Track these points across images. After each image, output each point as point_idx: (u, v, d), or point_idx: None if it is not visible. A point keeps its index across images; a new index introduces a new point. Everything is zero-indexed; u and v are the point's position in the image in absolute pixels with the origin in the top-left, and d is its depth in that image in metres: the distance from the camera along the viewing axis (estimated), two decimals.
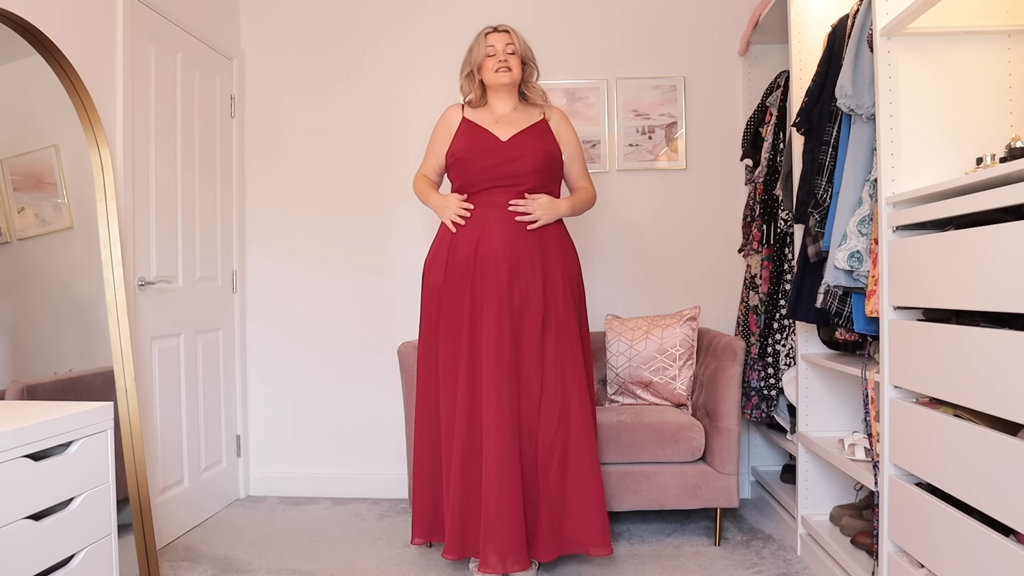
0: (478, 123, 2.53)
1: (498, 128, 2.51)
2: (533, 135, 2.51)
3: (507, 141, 2.48)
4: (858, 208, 2.08)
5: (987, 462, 1.47)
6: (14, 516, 1.55)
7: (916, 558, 1.77)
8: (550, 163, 2.50)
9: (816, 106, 2.32)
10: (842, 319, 2.16)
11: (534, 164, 2.45)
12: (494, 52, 2.50)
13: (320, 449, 3.53)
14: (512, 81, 2.52)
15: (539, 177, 2.47)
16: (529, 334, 2.37)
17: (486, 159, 2.45)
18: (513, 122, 2.53)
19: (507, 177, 2.44)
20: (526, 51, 2.55)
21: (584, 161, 2.66)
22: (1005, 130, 1.90)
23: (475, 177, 2.47)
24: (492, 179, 2.45)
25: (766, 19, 3.06)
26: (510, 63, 2.50)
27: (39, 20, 2.27)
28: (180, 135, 3.03)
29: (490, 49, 2.51)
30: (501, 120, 2.54)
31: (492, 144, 2.47)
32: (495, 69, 2.50)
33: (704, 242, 3.48)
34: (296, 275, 3.55)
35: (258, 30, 3.56)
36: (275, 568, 2.62)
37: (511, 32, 2.54)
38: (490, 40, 2.52)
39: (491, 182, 2.45)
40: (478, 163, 2.45)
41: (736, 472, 2.74)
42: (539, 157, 2.46)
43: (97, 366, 2.43)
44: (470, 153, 2.47)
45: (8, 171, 2.31)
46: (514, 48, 2.52)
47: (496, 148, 2.46)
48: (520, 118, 2.55)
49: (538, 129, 2.53)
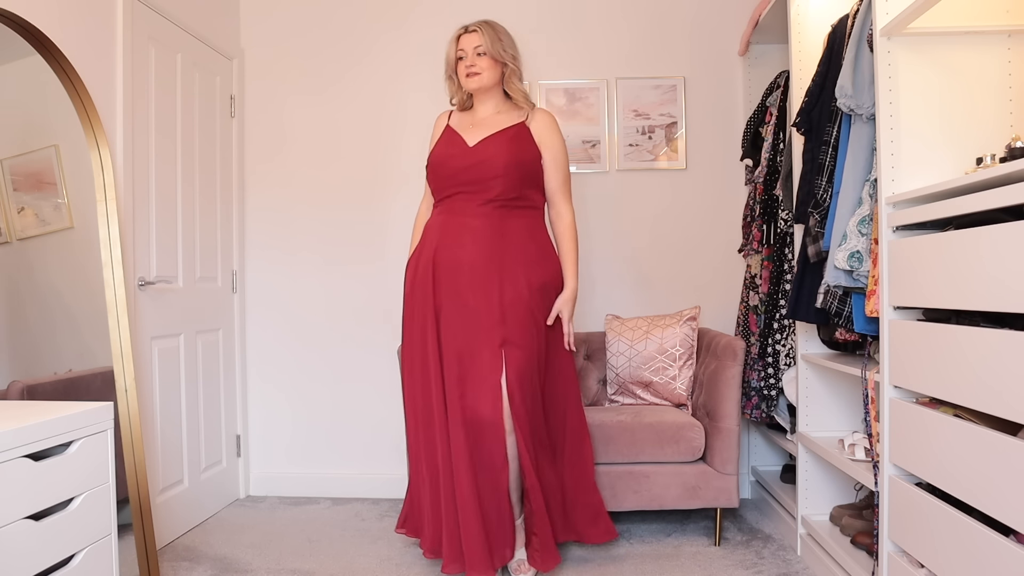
0: (457, 128, 2.49)
1: (472, 132, 2.45)
2: (503, 139, 2.40)
3: (473, 146, 2.41)
4: (858, 208, 2.08)
5: (987, 462, 1.47)
6: (14, 516, 1.55)
7: (916, 558, 1.77)
8: (517, 167, 2.39)
9: (816, 106, 2.32)
10: (842, 319, 2.16)
11: (496, 169, 2.36)
12: (464, 55, 2.43)
13: (320, 449, 3.53)
14: (481, 85, 2.44)
15: (503, 183, 2.37)
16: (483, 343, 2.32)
17: (451, 164, 2.41)
18: (489, 125, 2.45)
19: (471, 183, 2.38)
20: (499, 51, 2.42)
21: (567, 174, 2.52)
22: (1005, 130, 1.90)
23: (442, 183, 2.44)
24: (457, 184, 2.40)
25: (766, 19, 3.06)
26: (478, 67, 2.41)
27: (39, 20, 2.27)
28: (180, 135, 3.03)
29: (460, 52, 2.44)
30: (479, 123, 2.47)
31: (459, 149, 2.42)
32: (464, 74, 2.43)
33: (704, 242, 3.48)
34: (296, 275, 3.55)
35: (258, 30, 3.56)
36: (275, 568, 2.62)
37: (480, 32, 2.42)
38: (461, 43, 2.44)
39: (457, 187, 2.41)
40: (444, 169, 2.42)
41: (736, 472, 2.74)
42: (502, 161, 2.36)
43: (97, 366, 2.43)
44: (439, 159, 2.45)
45: (8, 171, 2.31)
46: (483, 49, 2.41)
47: (462, 153, 2.41)
48: (498, 121, 2.47)
49: (511, 132, 2.43)
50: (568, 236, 2.49)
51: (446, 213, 2.44)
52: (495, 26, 2.46)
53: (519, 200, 2.43)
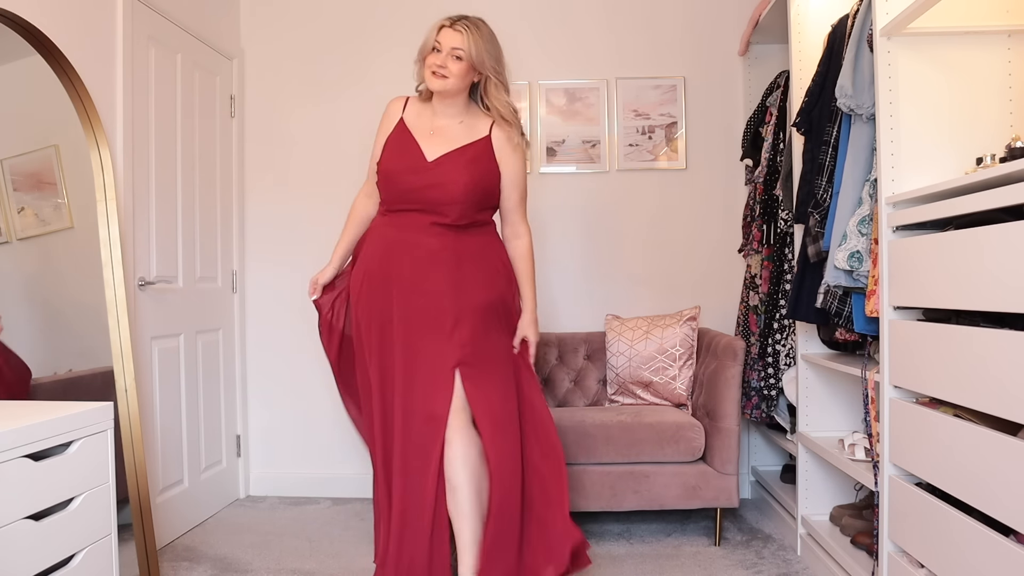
0: (412, 131, 2.28)
1: (431, 141, 2.25)
2: (463, 157, 2.23)
3: (432, 162, 2.22)
4: (858, 208, 2.08)
5: (987, 462, 1.47)
6: (14, 516, 1.55)
7: (916, 558, 1.77)
8: (475, 192, 2.22)
9: (816, 106, 2.32)
10: (842, 319, 2.16)
11: (454, 195, 2.19)
12: (438, 50, 2.18)
13: (320, 449, 3.52)
14: (445, 90, 2.21)
15: (459, 209, 2.21)
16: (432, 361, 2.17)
17: (408, 181, 2.23)
18: (449, 137, 2.26)
19: (427, 202, 2.21)
20: (480, 59, 2.18)
21: (525, 190, 2.36)
22: (1005, 130, 1.90)
23: (394, 196, 2.27)
24: (410, 202, 2.24)
25: (766, 19, 3.06)
26: (449, 69, 2.17)
27: (39, 20, 2.26)
28: (180, 135, 3.03)
29: (436, 45, 2.19)
30: (439, 132, 2.27)
31: (417, 164, 2.23)
32: (430, 70, 2.19)
33: (704, 242, 3.48)
34: (296, 275, 3.54)
35: (258, 30, 3.56)
36: (275, 568, 2.62)
37: (465, 34, 2.16)
38: (441, 36, 2.18)
39: (412, 204, 2.24)
40: (400, 184, 2.24)
41: (736, 472, 2.74)
42: (460, 187, 2.19)
43: (97, 366, 2.43)
44: (395, 172, 2.25)
45: (8, 171, 2.31)
46: (462, 53, 2.16)
47: (420, 169, 2.22)
48: (460, 133, 2.27)
49: (473, 150, 2.25)
50: (527, 257, 2.35)
51: (396, 228, 2.27)
52: (482, 29, 2.21)
53: (476, 217, 2.28)
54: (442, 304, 2.20)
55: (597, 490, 2.75)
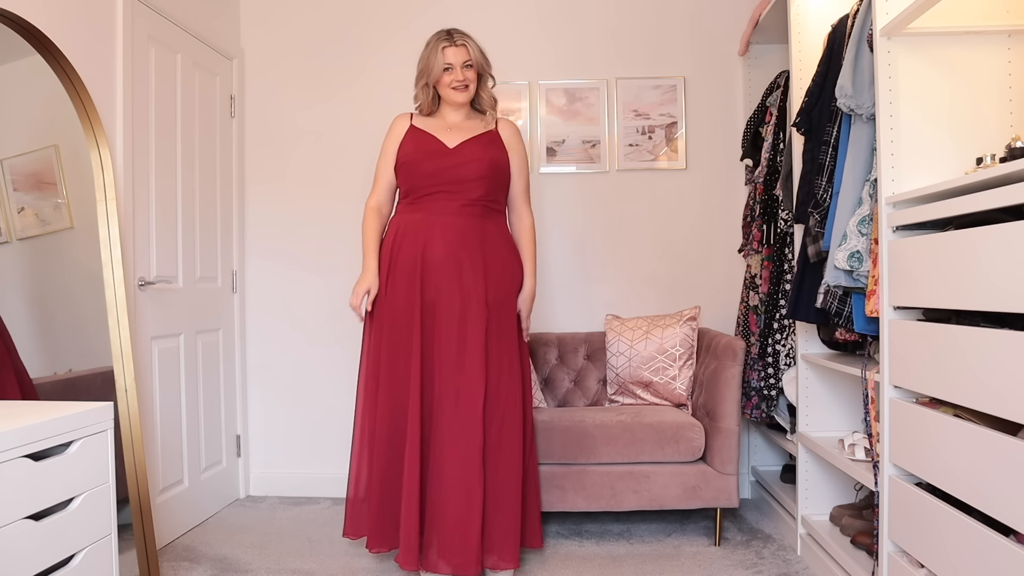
0: (426, 130, 2.49)
1: (447, 134, 2.48)
2: (481, 143, 2.47)
3: (454, 148, 2.45)
4: (858, 208, 2.08)
5: (987, 462, 1.47)
6: (14, 516, 1.55)
7: (916, 558, 1.77)
8: (496, 171, 2.47)
9: (816, 106, 2.32)
10: (842, 319, 2.16)
11: (479, 171, 2.42)
12: (451, 68, 2.44)
13: (320, 449, 3.52)
14: (469, 98, 2.50)
15: (484, 184, 2.44)
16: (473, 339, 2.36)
17: (432, 164, 2.42)
18: (463, 130, 2.50)
19: (453, 183, 2.41)
20: (481, 62, 2.49)
21: (528, 179, 2.61)
22: (1005, 130, 1.90)
23: (421, 181, 2.44)
24: (437, 184, 2.42)
25: (766, 19, 3.06)
26: (468, 79, 2.46)
27: (39, 20, 2.27)
28: (180, 135, 3.03)
29: (448, 65, 2.44)
30: (454, 128, 2.50)
31: (439, 149, 2.44)
32: (451, 86, 2.45)
33: (704, 242, 3.48)
34: (296, 275, 3.55)
35: (258, 30, 3.56)
36: (275, 568, 2.62)
37: (468, 46, 2.45)
38: (447, 55, 2.43)
39: (436, 187, 2.42)
40: (424, 167, 2.43)
41: (736, 472, 2.74)
42: (485, 164, 2.43)
43: (97, 366, 2.43)
44: (416, 157, 2.44)
45: (8, 171, 2.31)
46: (472, 62, 2.45)
47: (443, 153, 2.43)
48: (470, 126, 2.52)
49: (487, 138, 2.50)
50: (530, 237, 2.59)
51: (423, 212, 2.43)
52: (472, 37, 2.50)
53: (495, 204, 2.50)
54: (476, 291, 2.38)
55: (597, 490, 2.75)
